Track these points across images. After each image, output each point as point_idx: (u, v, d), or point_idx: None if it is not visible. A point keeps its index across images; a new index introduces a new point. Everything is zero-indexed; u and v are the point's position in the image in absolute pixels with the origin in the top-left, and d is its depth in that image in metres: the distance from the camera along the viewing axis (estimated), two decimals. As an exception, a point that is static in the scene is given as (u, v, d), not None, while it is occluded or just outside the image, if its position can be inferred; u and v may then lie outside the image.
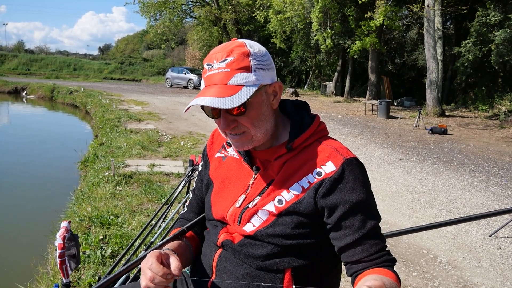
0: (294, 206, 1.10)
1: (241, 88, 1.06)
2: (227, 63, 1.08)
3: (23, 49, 65.96)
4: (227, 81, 1.07)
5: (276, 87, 1.16)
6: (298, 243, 1.11)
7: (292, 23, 21.14)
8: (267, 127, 1.15)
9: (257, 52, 1.11)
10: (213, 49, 1.15)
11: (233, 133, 1.14)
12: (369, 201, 1.11)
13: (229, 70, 1.07)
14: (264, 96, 1.13)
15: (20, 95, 24.25)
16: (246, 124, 1.11)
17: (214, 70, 1.09)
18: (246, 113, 1.10)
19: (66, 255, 1.76)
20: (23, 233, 4.92)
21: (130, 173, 5.88)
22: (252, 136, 1.13)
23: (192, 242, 1.34)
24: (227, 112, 1.10)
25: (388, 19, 17.14)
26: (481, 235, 4.23)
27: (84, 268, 3.15)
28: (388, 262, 1.10)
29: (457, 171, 6.98)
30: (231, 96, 1.04)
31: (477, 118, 14.71)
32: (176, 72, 28.72)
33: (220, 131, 1.19)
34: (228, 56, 1.08)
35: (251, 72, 1.08)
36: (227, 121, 1.11)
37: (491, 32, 15.60)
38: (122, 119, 11.33)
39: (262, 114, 1.13)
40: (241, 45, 1.12)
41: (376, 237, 1.10)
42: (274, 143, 1.21)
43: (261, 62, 1.11)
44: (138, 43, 66.52)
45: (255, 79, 1.08)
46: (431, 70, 14.93)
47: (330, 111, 15.92)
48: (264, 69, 1.12)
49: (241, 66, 1.08)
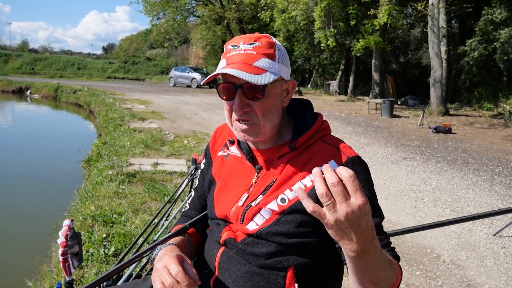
0: (297, 204, 1.10)
1: (265, 72, 1.08)
2: (254, 47, 1.11)
3: (27, 49, 66.19)
4: (252, 62, 1.09)
5: (290, 85, 1.19)
6: (301, 242, 1.11)
7: (296, 22, 21.10)
8: (274, 122, 1.16)
9: (280, 46, 1.16)
10: (238, 36, 1.18)
11: (242, 120, 1.13)
12: (371, 199, 1.09)
13: (255, 53, 1.10)
14: (279, 89, 1.15)
15: (24, 94, 24.38)
16: (258, 112, 1.12)
17: (240, 50, 1.11)
18: (262, 99, 1.11)
19: (69, 253, 1.76)
20: (27, 232, 4.94)
21: (134, 172, 5.89)
22: (260, 128, 1.13)
23: (194, 239, 1.34)
24: (244, 95, 1.10)
25: (392, 17, 17.05)
26: (485, 234, 4.21)
27: (87, 266, 3.17)
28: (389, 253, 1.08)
29: (461, 170, 6.95)
30: (256, 75, 1.06)
31: (481, 117, 14.63)
32: (180, 71, 28.71)
33: (227, 119, 1.19)
34: (255, 41, 1.12)
35: (275, 61, 1.11)
36: (242, 104, 1.11)
37: (496, 31, 15.49)
38: (125, 118, 11.36)
39: (274, 107, 1.14)
40: (267, 36, 1.16)
41: (379, 234, 1.09)
42: (277, 142, 1.21)
43: (282, 56, 1.15)
44: (141, 43, 66.57)
45: (277, 69, 1.11)
46: (435, 68, 14.86)
47: (333, 110, 15.89)
48: (284, 64, 1.15)
49: (267, 52, 1.11)
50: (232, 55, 1.12)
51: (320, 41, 19.14)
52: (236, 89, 1.10)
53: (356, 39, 18.94)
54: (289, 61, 1.20)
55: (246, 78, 1.04)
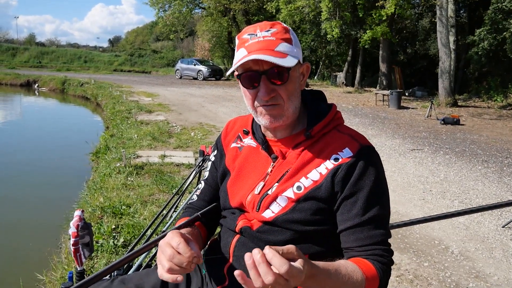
0: (313, 191, 1.11)
1: (286, 56, 1.09)
2: (272, 33, 1.12)
3: (34, 42, 66.48)
4: (274, 47, 1.09)
5: (305, 68, 1.20)
6: (316, 230, 1.12)
7: (303, 13, 20.93)
8: (296, 105, 1.17)
9: (292, 31, 1.18)
10: (250, 25, 1.18)
11: (269, 104, 1.14)
12: (377, 189, 1.11)
13: (274, 39, 1.11)
14: (298, 72, 1.17)
15: (32, 87, 24.52)
16: (283, 96, 1.13)
17: (259, 38, 1.11)
18: (286, 83, 1.12)
19: (80, 243, 1.79)
20: (37, 223, 5.00)
21: (141, 164, 5.92)
22: (285, 110, 1.14)
23: (202, 230, 1.34)
24: (268, 80, 1.11)
25: (399, 7, 16.84)
26: (493, 226, 4.19)
27: (97, 257, 3.20)
28: (376, 256, 1.07)
29: (469, 161, 6.90)
30: (281, 58, 1.07)
31: (490, 108, 14.48)
32: (186, 64, 28.69)
33: (250, 108, 1.18)
34: (271, 28, 1.13)
35: (293, 45, 1.13)
36: (268, 89, 1.11)
37: (506, 20, 15.24)
38: (132, 110, 11.40)
39: (295, 90, 1.16)
40: (279, 22, 1.16)
41: (375, 228, 1.09)
42: (292, 131, 1.22)
43: (297, 40, 1.17)
44: (147, 35, 66.54)
45: (296, 52, 1.13)
46: (444, 59, 14.69)
47: (340, 101, 15.81)
48: (299, 48, 1.17)
49: (284, 37, 1.12)
50: (251, 43, 1.11)
51: (327, 32, 19.00)
52: (260, 76, 1.11)
53: (363, 30, 18.76)
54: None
55: (276, 61, 1.05)
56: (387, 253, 1.09)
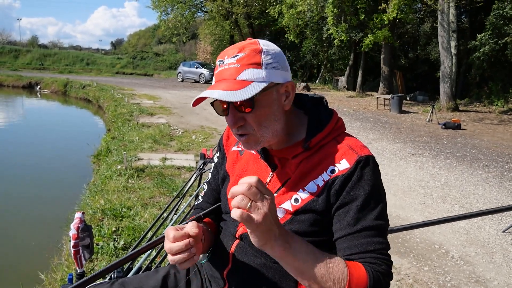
0: (310, 204, 1.11)
1: (250, 83, 1.04)
2: (237, 59, 1.07)
3: (37, 44, 66.64)
4: (236, 76, 1.05)
5: (288, 87, 1.13)
6: (314, 240, 1.10)
7: (305, 17, 20.98)
8: (275, 128, 1.13)
9: (269, 50, 1.10)
10: (226, 48, 1.14)
11: (239, 133, 1.13)
12: (372, 199, 1.07)
13: (239, 66, 1.06)
14: (274, 95, 1.11)
15: (34, 89, 24.57)
16: (253, 124, 1.10)
17: (225, 65, 1.08)
18: (254, 111, 1.08)
19: (80, 245, 1.79)
20: (38, 225, 5.01)
21: (142, 167, 5.93)
22: (259, 137, 1.12)
23: (211, 227, 1.35)
24: (236, 109, 1.09)
25: (401, 12, 16.88)
26: (494, 230, 4.19)
27: (97, 259, 3.21)
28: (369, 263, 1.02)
29: (470, 166, 6.90)
30: (238, 90, 1.03)
31: (491, 113, 14.48)
32: (188, 67, 28.74)
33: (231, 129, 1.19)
34: (239, 52, 1.07)
35: (262, 69, 1.06)
36: (234, 118, 1.09)
37: (507, 25, 15.27)
38: (134, 113, 11.42)
39: (271, 114, 1.11)
40: (254, 42, 1.11)
41: (369, 237, 1.05)
42: (289, 142, 1.20)
43: (273, 60, 1.09)
44: (150, 38, 66.77)
45: (265, 76, 1.06)
46: (445, 64, 14.70)
47: (342, 105, 15.82)
48: (276, 68, 1.09)
49: (252, 62, 1.06)
50: (218, 71, 1.10)
51: (334, 37, 19.00)
52: (228, 106, 1.09)
53: (365, 34, 18.79)
54: (287, 63, 1.15)
55: (229, 98, 1.02)
56: (381, 261, 1.04)
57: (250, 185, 0.88)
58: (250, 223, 0.88)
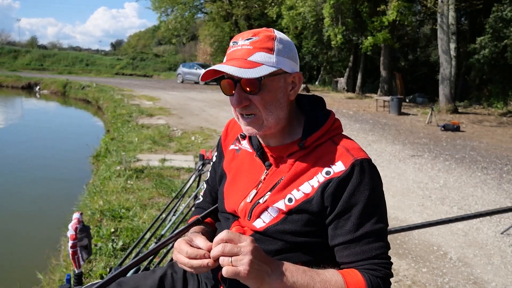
0: (304, 204, 1.10)
1: (260, 65, 1.08)
2: (251, 41, 1.11)
3: (36, 45, 66.71)
4: (247, 57, 1.09)
5: (296, 78, 1.17)
6: (307, 241, 1.12)
7: (304, 18, 21.00)
8: (279, 115, 1.14)
9: (283, 39, 1.14)
10: (242, 32, 1.18)
11: (244, 114, 1.14)
12: (372, 204, 1.08)
13: (251, 48, 1.10)
14: (282, 82, 1.14)
15: (33, 90, 24.56)
16: (258, 105, 1.11)
17: (238, 46, 1.12)
18: (260, 93, 1.10)
19: (78, 246, 1.80)
20: (36, 225, 5.01)
21: (141, 168, 5.93)
22: (263, 120, 1.13)
23: (212, 227, 1.36)
24: (242, 89, 1.11)
25: (401, 14, 16.90)
26: (492, 232, 4.19)
27: (95, 260, 3.21)
28: (369, 270, 1.05)
29: (469, 168, 6.91)
30: (248, 69, 1.06)
31: (490, 115, 14.49)
32: (188, 68, 28.74)
33: (234, 115, 1.21)
34: (254, 36, 1.12)
35: (273, 54, 1.10)
36: (240, 97, 1.11)
37: (506, 28, 15.30)
38: (133, 114, 11.43)
39: (276, 100, 1.13)
40: (269, 30, 1.16)
41: (370, 243, 1.06)
42: (287, 139, 1.20)
43: (285, 49, 1.13)
44: (149, 39, 66.84)
45: (275, 61, 1.10)
46: (444, 66, 14.73)
47: (341, 107, 15.83)
48: (287, 57, 1.13)
49: (264, 46, 1.10)
50: (230, 51, 1.14)
51: (331, 38, 19.05)
52: (235, 84, 1.11)
53: (364, 36, 18.82)
54: (297, 55, 1.18)
55: (237, 73, 1.05)
56: (381, 266, 1.06)
57: (224, 243, 0.95)
58: (240, 276, 0.93)
